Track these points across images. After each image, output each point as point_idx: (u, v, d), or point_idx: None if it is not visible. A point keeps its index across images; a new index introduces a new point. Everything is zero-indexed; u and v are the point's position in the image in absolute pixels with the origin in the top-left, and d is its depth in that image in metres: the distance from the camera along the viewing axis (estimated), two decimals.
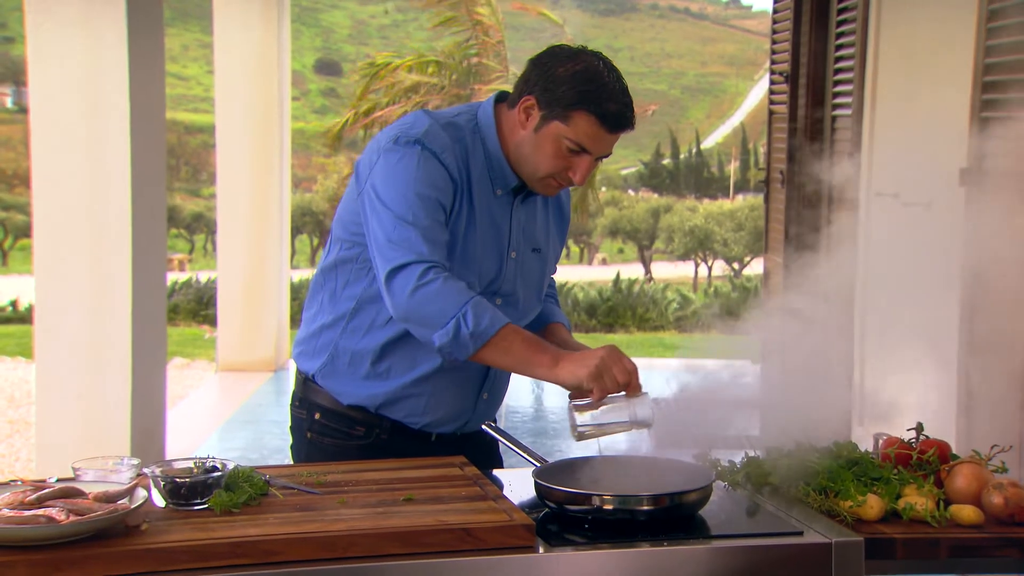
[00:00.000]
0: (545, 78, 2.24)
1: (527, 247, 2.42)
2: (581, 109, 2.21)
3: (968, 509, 2.02)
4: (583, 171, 2.27)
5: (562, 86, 2.22)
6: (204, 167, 49.66)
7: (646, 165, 59.60)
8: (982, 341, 4.05)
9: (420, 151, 2.24)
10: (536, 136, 2.26)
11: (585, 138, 2.23)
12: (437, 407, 2.38)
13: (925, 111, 4.88)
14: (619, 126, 2.24)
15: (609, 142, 2.26)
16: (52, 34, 4.48)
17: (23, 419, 7.70)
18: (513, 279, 2.38)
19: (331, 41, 79.87)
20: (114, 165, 4.48)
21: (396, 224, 2.19)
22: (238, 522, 1.87)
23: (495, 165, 2.33)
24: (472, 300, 2.16)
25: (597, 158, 2.28)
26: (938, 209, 4.67)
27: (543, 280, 2.48)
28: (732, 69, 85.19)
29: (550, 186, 2.32)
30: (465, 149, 2.31)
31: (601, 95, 2.21)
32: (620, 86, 2.25)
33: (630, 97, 2.27)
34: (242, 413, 6.97)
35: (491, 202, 2.34)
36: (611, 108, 2.22)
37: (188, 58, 67.75)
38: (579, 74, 2.22)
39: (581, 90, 2.21)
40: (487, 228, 2.33)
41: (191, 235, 33.41)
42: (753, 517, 2.07)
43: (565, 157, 2.25)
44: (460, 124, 2.33)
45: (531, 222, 2.42)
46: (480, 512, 1.93)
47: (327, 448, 2.43)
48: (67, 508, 1.78)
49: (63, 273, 4.55)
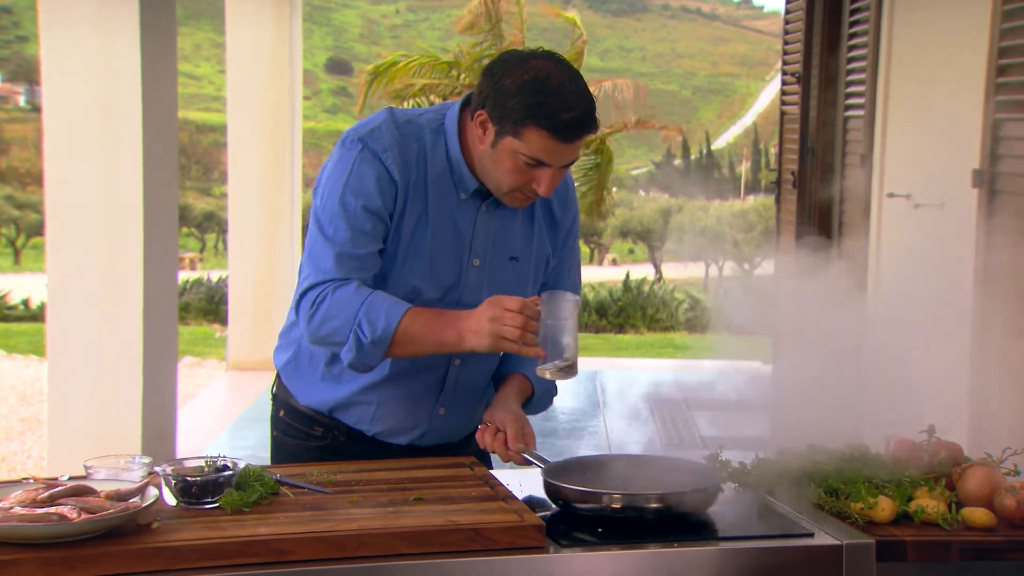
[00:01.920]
0: (495, 91, 2.13)
1: (500, 255, 2.30)
2: (531, 124, 2.09)
3: (980, 512, 2.02)
4: (546, 183, 2.15)
5: (511, 100, 2.10)
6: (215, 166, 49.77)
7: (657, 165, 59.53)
8: (995, 343, 4.03)
9: (360, 151, 2.19)
10: (494, 152, 2.16)
11: (540, 152, 2.11)
12: (387, 417, 2.33)
13: (938, 112, 4.86)
14: (574, 136, 2.11)
15: (568, 151, 2.14)
16: (65, 33, 4.49)
17: (35, 417, 7.73)
18: (477, 288, 2.27)
19: (342, 40, 79.95)
20: (126, 164, 4.49)
21: (315, 238, 2.21)
22: (249, 521, 1.87)
23: (455, 168, 2.23)
24: (362, 307, 2.12)
25: (563, 166, 2.17)
26: (951, 210, 4.65)
27: (524, 291, 2.30)
28: (743, 69, 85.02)
29: (517, 199, 2.21)
30: (422, 149, 2.22)
31: (551, 106, 2.08)
32: (575, 90, 2.11)
33: (588, 99, 2.13)
34: (252, 412, 6.98)
35: (452, 205, 2.24)
36: (563, 118, 2.08)
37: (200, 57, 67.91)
38: (527, 85, 2.09)
39: (529, 103, 2.08)
40: (445, 232, 2.23)
41: (202, 234, 33.48)
42: (764, 519, 2.06)
43: (524, 172, 2.14)
44: (421, 123, 2.24)
45: (507, 229, 2.30)
46: (491, 512, 1.93)
47: (287, 447, 2.41)
48: (79, 506, 1.78)
49: (75, 271, 4.56)
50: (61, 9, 4.49)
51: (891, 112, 5.42)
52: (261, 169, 8.11)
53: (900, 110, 5.33)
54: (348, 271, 2.17)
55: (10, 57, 64.24)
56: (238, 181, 8.20)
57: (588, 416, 7.27)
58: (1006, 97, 4.00)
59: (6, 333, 12.30)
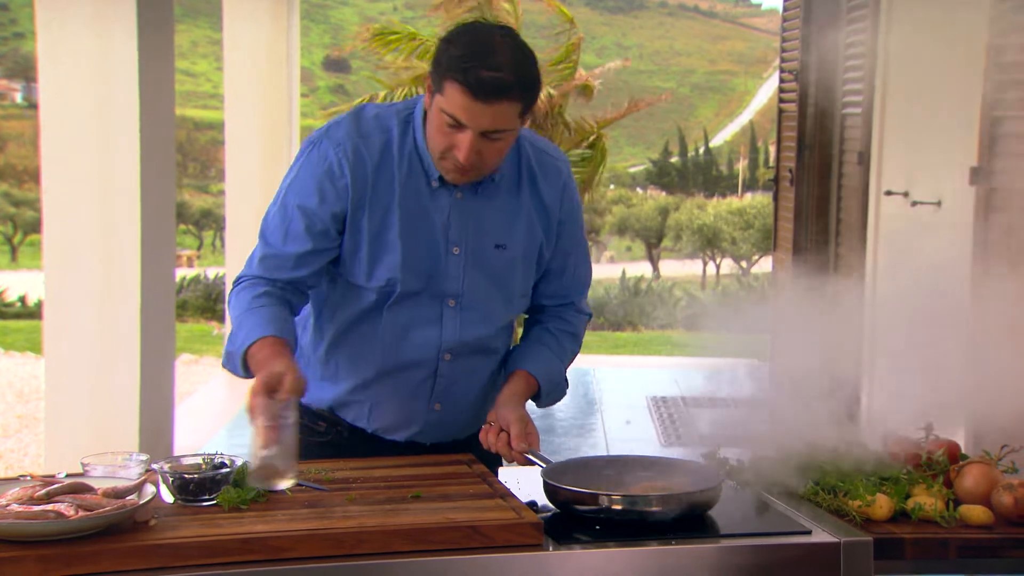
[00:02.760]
0: (437, 52, 2.12)
1: (483, 243, 2.25)
2: (449, 77, 2.06)
3: (978, 509, 2.02)
4: (464, 148, 2.09)
5: (442, 57, 2.08)
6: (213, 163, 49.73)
7: (654, 163, 59.51)
8: (993, 341, 4.03)
9: (315, 149, 2.20)
10: (430, 113, 2.14)
11: (456, 109, 2.06)
12: (382, 415, 2.32)
13: (935, 110, 4.86)
14: (490, 95, 2.04)
15: (486, 114, 2.06)
16: (62, 30, 4.48)
17: (32, 414, 7.72)
18: (459, 278, 2.24)
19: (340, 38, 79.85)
20: (123, 161, 4.48)
21: (261, 234, 2.26)
22: (246, 518, 1.87)
23: (423, 155, 2.20)
24: (239, 318, 2.13)
25: (488, 136, 2.09)
26: (948, 208, 4.65)
27: (513, 280, 2.29)
28: (741, 67, 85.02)
29: (447, 169, 2.16)
30: (388, 140, 2.20)
31: (473, 61, 2.04)
32: (510, 56, 2.06)
33: (524, 71, 2.07)
34: None
35: (424, 194, 2.21)
36: (480, 75, 2.03)
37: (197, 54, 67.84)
38: (460, 42, 2.08)
39: (453, 57, 2.06)
40: (417, 222, 2.20)
41: (199, 231, 33.46)
42: (762, 516, 2.07)
43: (447, 134, 2.10)
44: (390, 114, 2.23)
45: (490, 216, 2.25)
46: (488, 510, 1.93)
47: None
48: (76, 503, 1.78)
49: (72, 269, 4.55)
50: (58, 6, 4.48)
51: (888, 110, 5.42)
52: (259, 166, 8.10)
53: (898, 108, 5.33)
54: (269, 270, 2.20)
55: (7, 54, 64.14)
56: (235, 178, 8.19)
57: (586, 414, 7.27)
58: (1004, 95, 4.00)
59: (3, 330, 12.30)
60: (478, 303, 2.27)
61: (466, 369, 2.33)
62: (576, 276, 2.41)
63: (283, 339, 2.11)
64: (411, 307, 2.25)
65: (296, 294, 2.23)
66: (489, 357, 2.36)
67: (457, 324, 2.27)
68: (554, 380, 2.35)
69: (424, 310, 2.25)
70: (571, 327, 2.41)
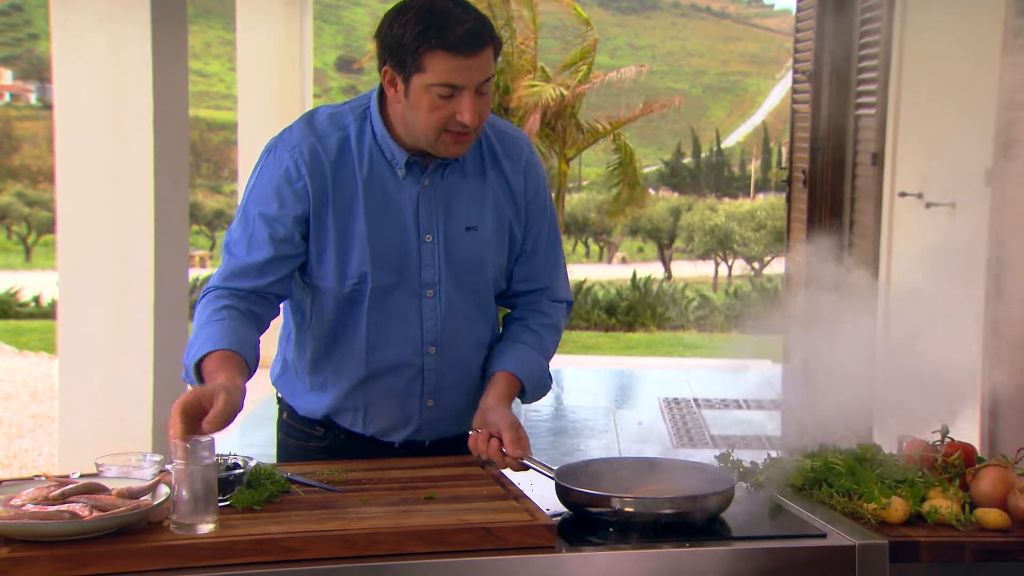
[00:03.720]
0: (387, 42, 2.13)
1: (454, 227, 2.24)
2: (427, 49, 2.07)
3: (994, 513, 2.01)
4: (468, 108, 2.10)
5: (403, 39, 2.09)
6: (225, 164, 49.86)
7: (667, 164, 59.48)
8: (1008, 344, 4.01)
9: (270, 156, 2.22)
10: (409, 101, 2.13)
11: (447, 75, 2.08)
12: (377, 417, 2.31)
13: (950, 111, 4.84)
14: (474, 46, 2.08)
15: (476, 67, 2.09)
16: (76, 31, 4.50)
17: (46, 414, 7.75)
18: (434, 265, 2.24)
19: (352, 38, 80.00)
20: (137, 162, 4.50)
21: (225, 246, 2.24)
22: (260, 519, 1.87)
23: (383, 145, 2.20)
24: (198, 331, 2.13)
25: (479, 90, 2.11)
26: (963, 210, 4.63)
27: (486, 261, 2.28)
28: (753, 68, 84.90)
29: (449, 144, 2.15)
30: (344, 137, 2.20)
31: (440, 26, 2.07)
32: (460, 7, 2.10)
33: (477, 12, 2.12)
34: (262, 409, 6.98)
35: (389, 185, 2.21)
36: (458, 32, 2.06)
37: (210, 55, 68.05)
38: (412, 17, 2.09)
39: (419, 31, 2.07)
40: (384, 214, 2.20)
41: (212, 232, 33.55)
42: (776, 519, 2.06)
43: (442, 106, 2.10)
44: (344, 112, 2.24)
45: (457, 199, 2.25)
46: (502, 511, 1.92)
47: (292, 449, 2.40)
48: (90, 504, 1.78)
49: (86, 269, 4.57)
50: (72, 7, 4.50)
51: (903, 111, 5.40)
52: None
53: (912, 108, 5.31)
54: (234, 280, 2.19)
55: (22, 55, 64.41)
56: None
57: (599, 414, 7.26)
58: (1019, 96, 3.98)
59: (17, 330, 12.34)
60: (456, 290, 2.26)
61: (454, 361, 2.30)
62: (548, 256, 2.38)
63: (235, 353, 2.08)
64: (388, 304, 2.23)
65: (262, 304, 2.22)
66: (476, 347, 2.34)
67: (437, 315, 2.25)
68: (537, 376, 2.34)
69: (402, 304, 2.24)
70: (550, 319, 2.39)
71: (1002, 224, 4.09)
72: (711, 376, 8.03)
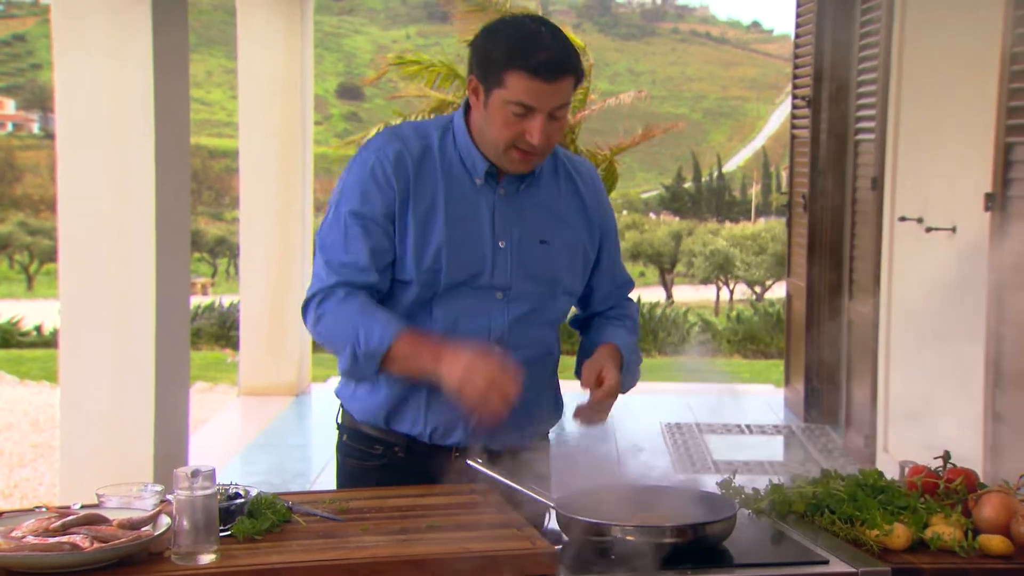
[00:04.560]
0: (479, 53, 2.24)
1: (528, 238, 2.33)
2: (510, 68, 2.18)
3: (997, 539, 2.00)
4: (537, 131, 2.20)
5: (491, 54, 2.21)
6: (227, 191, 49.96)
7: (667, 188, 59.59)
8: (1009, 369, 4.01)
9: (356, 161, 2.31)
10: (487, 112, 2.24)
11: (524, 95, 2.18)
12: (439, 411, 2.31)
13: (949, 135, 4.85)
14: (554, 73, 2.18)
15: (553, 93, 2.19)
16: (79, 61, 4.52)
17: (47, 443, 7.73)
18: (507, 271, 2.32)
19: (353, 66, 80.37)
20: (139, 190, 4.51)
21: (320, 249, 2.31)
22: (261, 549, 1.87)
23: (465, 154, 2.31)
24: (363, 319, 2.20)
25: (552, 115, 2.21)
26: (963, 234, 4.63)
27: (558, 277, 2.37)
28: (753, 93, 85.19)
29: (514, 159, 2.26)
30: (428, 144, 2.31)
31: (527, 48, 2.17)
32: (551, 34, 2.21)
33: (566, 43, 2.22)
34: (264, 437, 6.97)
35: (468, 192, 2.31)
36: (541, 57, 2.16)
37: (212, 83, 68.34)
38: (503, 36, 2.22)
39: (507, 49, 2.19)
40: (462, 218, 2.29)
41: (214, 259, 33.58)
42: (777, 546, 2.05)
43: (515, 123, 2.21)
44: (427, 125, 2.36)
45: (533, 211, 2.35)
46: (503, 539, 1.92)
47: (351, 470, 2.42)
48: (91, 535, 1.78)
49: (88, 297, 4.57)
50: (74, 37, 4.52)
51: (902, 135, 5.42)
52: (273, 194, 8.13)
53: (911, 133, 5.33)
54: (340, 276, 2.26)
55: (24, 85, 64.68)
56: (250, 206, 8.22)
57: (599, 441, 7.23)
58: (1018, 120, 4.00)
59: (19, 359, 12.33)
60: (525, 296, 2.34)
61: (518, 363, 2.27)
62: (622, 278, 2.52)
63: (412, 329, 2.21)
64: (459, 300, 2.30)
65: (375, 297, 2.30)
66: (541, 357, 2.38)
67: (505, 315, 2.32)
68: (632, 351, 2.43)
69: (472, 302, 2.31)
70: (628, 310, 2.53)
71: (1002, 248, 4.09)
72: (713, 401, 8.01)
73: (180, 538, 1.80)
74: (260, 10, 8.02)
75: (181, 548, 1.80)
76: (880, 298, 5.61)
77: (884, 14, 5.59)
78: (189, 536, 1.80)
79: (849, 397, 6.22)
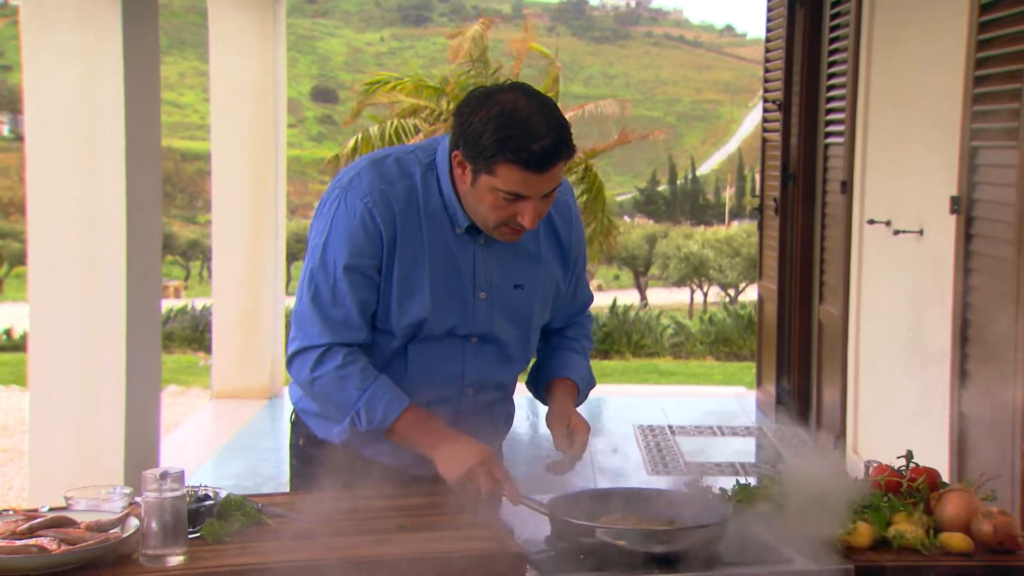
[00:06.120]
0: (465, 131, 2.12)
1: (504, 285, 2.30)
2: (501, 159, 2.07)
3: (958, 537, 2.03)
4: (530, 216, 2.13)
5: (480, 138, 2.08)
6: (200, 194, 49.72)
7: (642, 191, 59.73)
8: (975, 370, 4.06)
9: (341, 204, 2.20)
10: (474, 190, 2.15)
11: (516, 186, 2.10)
12: (407, 450, 2.28)
13: (916, 140, 4.91)
14: (546, 165, 2.08)
15: (544, 181, 2.10)
16: (48, 62, 4.50)
17: (16, 447, 7.67)
18: (487, 320, 2.29)
19: (327, 69, 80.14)
20: (109, 192, 4.48)
21: (302, 297, 2.24)
22: (229, 551, 1.87)
23: (449, 204, 2.23)
24: (365, 395, 2.18)
25: (545, 196, 2.14)
26: (930, 237, 4.69)
27: (531, 317, 2.35)
28: (727, 96, 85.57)
29: (505, 234, 2.20)
30: (412, 186, 2.22)
31: (519, 139, 2.06)
32: (543, 119, 2.08)
33: (559, 126, 2.09)
34: (237, 440, 6.95)
35: (449, 240, 2.25)
36: (533, 149, 2.06)
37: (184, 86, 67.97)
38: (493, 120, 2.08)
39: (497, 139, 2.07)
40: (445, 267, 2.24)
41: (186, 262, 33.40)
42: (742, 545, 2.06)
43: (506, 207, 2.13)
44: (409, 160, 2.25)
45: (510, 259, 2.30)
46: (473, 540, 1.93)
47: (306, 474, 2.38)
48: (59, 537, 1.78)
49: (58, 301, 4.55)
50: (44, 38, 4.49)
51: (870, 139, 5.47)
52: (246, 197, 8.10)
53: (879, 137, 5.38)
54: (333, 335, 2.21)
55: None
56: (222, 209, 8.19)
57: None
58: (982, 125, 4.05)
59: None
60: (497, 339, 2.32)
61: (485, 403, 2.37)
62: (583, 299, 2.53)
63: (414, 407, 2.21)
64: (435, 346, 2.28)
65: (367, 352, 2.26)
66: (503, 389, 2.42)
67: (478, 360, 2.31)
68: (587, 380, 2.49)
69: (448, 348, 2.29)
70: (584, 329, 2.56)
71: (967, 250, 4.14)
72: (686, 403, 8.05)
73: (148, 540, 1.80)
74: (232, 12, 7.99)
75: (149, 550, 1.80)
76: (850, 300, 5.66)
77: (852, 19, 5.64)
78: (157, 538, 1.80)
79: (819, 398, 6.28)
